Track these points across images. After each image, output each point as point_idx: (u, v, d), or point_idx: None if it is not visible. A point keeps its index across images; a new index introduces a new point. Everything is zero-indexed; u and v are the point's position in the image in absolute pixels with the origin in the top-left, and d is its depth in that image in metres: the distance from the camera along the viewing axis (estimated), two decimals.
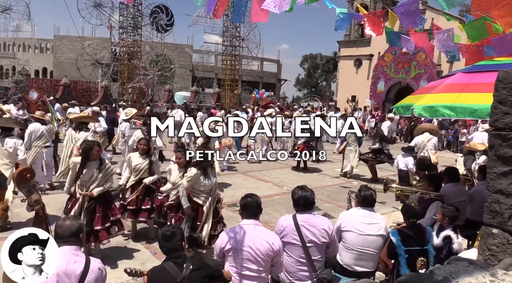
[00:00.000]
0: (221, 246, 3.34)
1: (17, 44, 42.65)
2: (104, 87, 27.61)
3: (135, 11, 28.49)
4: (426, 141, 8.72)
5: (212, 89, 37.90)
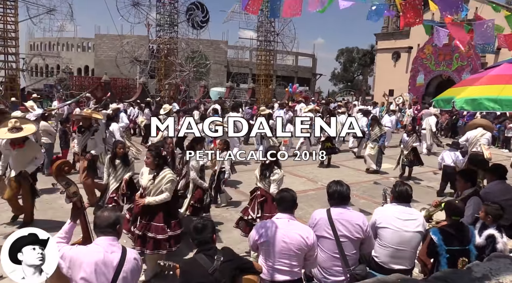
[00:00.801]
0: (254, 238, 3.35)
1: (61, 44, 44.47)
2: (142, 84, 28.32)
3: (171, 8, 28.98)
4: (479, 136, 8.39)
5: (246, 84, 38.01)
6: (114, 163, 5.99)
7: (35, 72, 41.08)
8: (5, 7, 21.33)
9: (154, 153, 4.62)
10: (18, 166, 6.18)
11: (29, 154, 6.22)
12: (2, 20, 21.37)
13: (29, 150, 6.20)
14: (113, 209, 3.53)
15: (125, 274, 2.63)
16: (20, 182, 6.18)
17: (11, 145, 6.05)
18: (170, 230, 4.67)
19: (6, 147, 6.15)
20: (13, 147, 6.05)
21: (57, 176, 2.95)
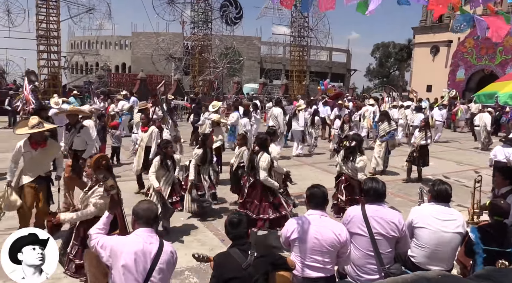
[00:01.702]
0: (286, 235, 3.34)
1: (100, 42, 45.91)
2: (177, 80, 28.80)
3: (205, 5, 29.27)
4: None
5: (280, 80, 37.87)
6: (167, 164, 5.97)
7: (75, 69, 42.59)
8: (48, 7, 22.21)
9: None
10: (37, 169, 5.64)
11: (51, 154, 5.86)
12: (45, 20, 22.28)
13: (51, 150, 5.79)
14: (152, 201, 3.60)
15: (161, 265, 2.70)
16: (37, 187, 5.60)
17: (32, 145, 5.54)
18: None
19: (26, 148, 5.55)
20: (34, 147, 5.54)
21: (95, 169, 3.06)
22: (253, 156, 5.77)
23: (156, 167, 5.88)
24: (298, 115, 12.52)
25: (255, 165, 5.67)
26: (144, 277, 2.64)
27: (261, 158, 5.63)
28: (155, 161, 5.95)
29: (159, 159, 5.93)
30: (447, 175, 10.02)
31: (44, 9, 22.15)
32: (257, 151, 5.72)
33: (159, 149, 6.17)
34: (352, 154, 6.16)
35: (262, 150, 5.73)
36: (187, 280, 4.74)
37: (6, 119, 18.34)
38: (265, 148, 5.80)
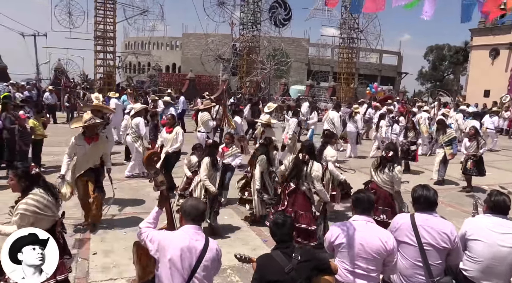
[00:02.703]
0: (330, 240, 3.28)
1: (152, 43, 47.53)
2: (225, 81, 29.22)
3: (255, 7, 29.50)
4: None
5: (327, 83, 37.42)
6: (215, 164, 6.00)
7: (128, 69, 44.37)
8: (105, 9, 23.34)
9: (19, 173, 3.35)
10: (88, 162, 5.99)
11: (102, 148, 6.16)
12: (103, 21, 23.42)
13: (102, 144, 6.13)
14: (200, 199, 3.69)
15: (206, 262, 2.74)
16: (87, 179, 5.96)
17: (86, 140, 5.90)
18: None
19: (80, 142, 5.90)
20: (88, 141, 5.91)
21: (147, 165, 3.16)
22: (301, 165, 5.50)
23: (208, 168, 5.85)
24: (355, 118, 12.44)
25: (302, 174, 5.46)
26: (189, 273, 2.69)
27: (313, 167, 5.43)
28: (206, 163, 5.89)
29: (209, 160, 5.91)
30: (505, 185, 9.42)
31: (102, 11, 23.29)
32: (307, 160, 5.49)
33: (208, 149, 6.12)
34: (389, 163, 5.74)
35: (311, 158, 5.52)
36: (229, 278, 4.78)
37: (65, 115, 19.51)
38: (314, 155, 5.64)
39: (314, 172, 5.42)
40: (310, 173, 5.44)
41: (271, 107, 10.96)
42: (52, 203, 3.39)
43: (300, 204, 5.47)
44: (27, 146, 8.98)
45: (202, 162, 5.98)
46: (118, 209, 7.00)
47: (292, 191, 5.52)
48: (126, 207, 7.17)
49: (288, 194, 5.52)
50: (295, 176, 5.53)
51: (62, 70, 25.43)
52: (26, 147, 8.97)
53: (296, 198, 5.49)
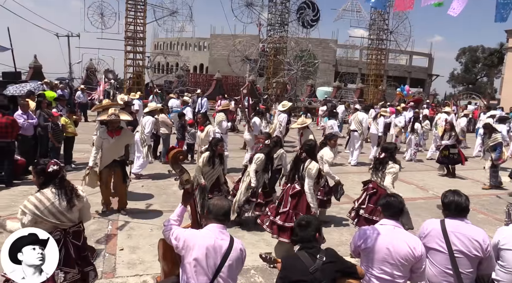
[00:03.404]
0: (356, 244, 3.22)
1: (180, 43, 48.18)
2: (251, 82, 29.33)
3: (282, 8, 29.45)
4: None
5: (354, 84, 36.94)
6: (213, 162, 6.09)
7: (157, 69, 45.14)
8: (136, 11, 23.85)
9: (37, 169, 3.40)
10: (113, 155, 6.47)
11: (124, 141, 6.59)
12: (133, 22, 23.93)
13: (124, 137, 6.57)
14: (225, 198, 3.69)
15: (230, 261, 2.74)
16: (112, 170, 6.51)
17: (109, 133, 6.38)
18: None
19: (104, 136, 6.40)
20: (111, 135, 6.38)
21: (172, 163, 3.19)
22: (299, 163, 5.31)
23: (204, 162, 6.02)
24: (378, 120, 12.27)
25: (300, 173, 5.24)
26: (213, 272, 2.70)
27: (309, 165, 5.16)
28: (204, 156, 6.07)
29: (208, 155, 6.04)
30: None
31: (133, 12, 23.80)
32: (304, 158, 5.28)
33: (210, 146, 6.25)
34: (381, 164, 5.64)
35: (310, 157, 5.28)
36: (252, 279, 4.78)
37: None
38: (314, 155, 5.36)
39: (307, 170, 5.15)
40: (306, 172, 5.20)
41: (286, 106, 10.93)
42: (58, 209, 3.24)
43: (303, 207, 5.22)
44: (59, 143, 9.27)
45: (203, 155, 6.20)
46: (145, 206, 7.13)
47: (296, 193, 5.25)
48: (153, 204, 7.29)
49: (291, 196, 5.26)
50: (295, 175, 5.32)
51: (94, 70, 26.14)
52: (59, 144, 9.26)
53: (300, 201, 5.24)
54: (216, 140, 6.31)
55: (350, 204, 6.38)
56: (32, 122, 8.85)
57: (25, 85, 12.41)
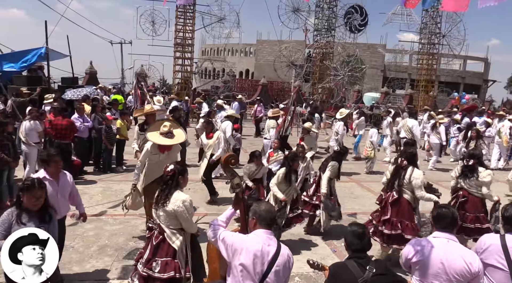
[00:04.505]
0: (407, 256, 3.09)
1: (227, 49, 48.97)
2: (297, 87, 29.20)
3: (330, 13, 29.16)
4: None
5: (403, 90, 35.80)
6: (290, 179, 5.78)
7: (204, 74, 46.13)
8: (185, 18, 24.56)
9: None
10: (159, 171, 5.55)
11: (174, 157, 5.98)
12: (182, 29, 24.65)
13: (174, 153, 5.95)
14: (271, 204, 3.71)
15: (277, 267, 2.71)
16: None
17: (160, 149, 5.64)
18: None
19: (154, 151, 5.65)
20: (162, 151, 5.67)
21: (224, 167, 3.24)
22: (400, 171, 5.36)
23: (279, 179, 5.67)
24: (439, 128, 11.82)
25: (400, 181, 5.30)
26: (260, 278, 2.68)
27: (413, 174, 5.23)
28: (280, 173, 5.72)
29: (284, 171, 5.70)
30: None
31: (182, 20, 24.52)
32: (405, 166, 5.34)
33: (285, 161, 5.91)
34: (471, 171, 5.68)
35: (411, 164, 5.34)
36: None
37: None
38: (415, 162, 5.43)
39: (414, 180, 5.21)
40: (410, 181, 5.24)
41: (343, 113, 10.73)
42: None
43: (404, 213, 5.27)
44: (112, 145, 9.70)
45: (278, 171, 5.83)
46: None
47: (395, 201, 5.32)
48: (199, 208, 7.41)
49: (391, 204, 5.33)
50: (395, 183, 5.36)
51: (145, 75, 27.14)
52: (111, 146, 9.69)
53: (401, 207, 5.30)
54: (293, 155, 5.97)
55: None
56: (87, 125, 9.33)
57: (81, 90, 13.14)
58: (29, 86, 13.43)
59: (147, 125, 6.77)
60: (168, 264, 3.68)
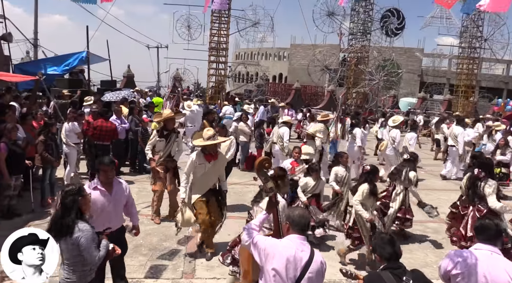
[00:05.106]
0: (446, 268, 2.96)
1: (261, 53, 49.23)
2: (330, 92, 28.93)
3: (365, 17, 28.74)
4: None
5: (442, 95, 34.72)
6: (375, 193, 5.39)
7: (238, 78, 46.51)
8: (220, 23, 24.90)
9: None
10: (209, 182, 5.48)
11: (221, 166, 5.68)
12: (217, 34, 25.00)
13: (221, 162, 5.65)
14: (305, 209, 3.67)
15: (310, 274, 2.66)
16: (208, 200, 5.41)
17: (206, 157, 5.36)
18: None
19: (200, 161, 5.36)
20: (208, 159, 5.36)
21: (258, 171, 3.22)
22: (476, 182, 5.17)
23: (364, 196, 5.22)
24: (495, 136, 11.33)
25: (477, 191, 5.14)
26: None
27: (488, 183, 5.07)
28: (364, 189, 5.24)
29: (368, 188, 5.25)
30: None
31: (217, 24, 24.90)
32: (483, 177, 5.17)
33: (367, 176, 5.39)
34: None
35: (488, 175, 5.18)
36: None
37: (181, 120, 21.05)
38: (491, 172, 5.31)
39: (486, 189, 5.05)
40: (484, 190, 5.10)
41: (397, 121, 10.42)
42: None
43: None
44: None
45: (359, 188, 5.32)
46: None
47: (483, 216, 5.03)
48: (230, 211, 7.45)
49: (472, 218, 5.12)
50: (474, 195, 5.19)
51: (180, 79, 27.69)
52: None
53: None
54: (374, 169, 5.48)
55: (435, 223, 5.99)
56: (125, 127, 9.59)
57: (119, 93, 13.54)
58: (70, 88, 13.97)
59: (166, 131, 6.67)
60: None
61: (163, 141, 6.59)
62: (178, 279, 4.86)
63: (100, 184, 3.94)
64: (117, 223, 4.08)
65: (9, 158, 6.16)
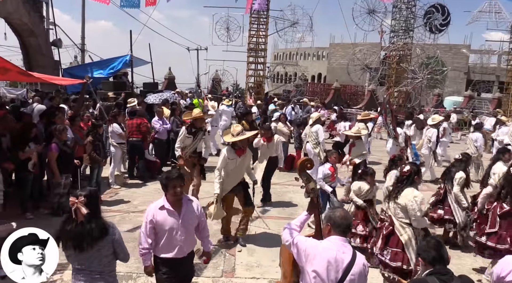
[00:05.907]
0: (500, 274, 2.82)
1: (299, 53, 48.96)
2: (371, 91, 28.26)
3: (408, 13, 27.84)
4: None
5: (490, 94, 33.05)
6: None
7: (276, 78, 46.48)
8: (259, 23, 24.99)
9: None
10: (239, 176, 5.85)
11: (248, 160, 5.98)
12: (256, 34, 25.12)
13: (248, 156, 5.94)
14: (347, 210, 3.62)
15: (352, 276, 2.60)
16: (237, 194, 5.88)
17: (237, 152, 5.66)
18: None
19: (231, 156, 5.65)
20: (239, 154, 5.67)
21: (300, 171, 3.19)
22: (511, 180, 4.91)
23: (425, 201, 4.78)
24: None
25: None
26: None
27: None
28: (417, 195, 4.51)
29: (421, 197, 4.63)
30: None
31: (256, 25, 25.00)
32: None
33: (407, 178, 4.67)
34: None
35: None
36: None
37: None
38: None
39: None
40: None
41: (436, 119, 10.10)
42: None
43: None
44: None
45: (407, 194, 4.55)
46: (262, 211, 7.31)
47: (506, 214, 4.84)
48: (270, 210, 7.46)
49: (501, 216, 4.85)
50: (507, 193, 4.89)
51: (219, 80, 28.06)
52: None
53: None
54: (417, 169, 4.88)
55: None
56: (166, 127, 9.84)
57: (161, 94, 13.90)
58: (115, 91, 14.50)
59: (195, 129, 7.12)
60: (397, 255, 4.06)
61: (190, 138, 7.05)
62: (218, 277, 4.92)
63: (167, 203, 3.46)
64: (187, 247, 3.62)
65: (59, 158, 6.50)
